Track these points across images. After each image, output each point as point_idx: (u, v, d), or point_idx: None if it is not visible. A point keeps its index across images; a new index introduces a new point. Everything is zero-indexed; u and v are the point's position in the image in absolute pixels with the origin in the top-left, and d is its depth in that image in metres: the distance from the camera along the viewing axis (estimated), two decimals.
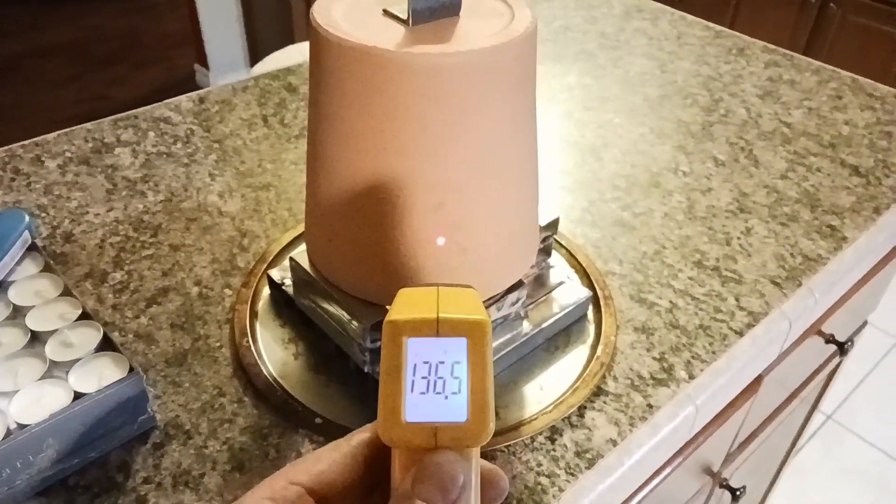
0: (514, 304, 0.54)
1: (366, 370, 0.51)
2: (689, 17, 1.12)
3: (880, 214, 0.72)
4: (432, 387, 0.26)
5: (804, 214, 0.72)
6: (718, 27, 1.09)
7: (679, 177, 0.77)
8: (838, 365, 1.02)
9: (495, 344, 0.53)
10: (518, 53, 0.43)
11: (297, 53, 1.43)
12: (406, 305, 0.27)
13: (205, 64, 2.69)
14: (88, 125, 0.80)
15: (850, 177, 0.78)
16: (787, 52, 1.02)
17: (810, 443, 1.60)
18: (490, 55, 0.41)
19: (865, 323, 1.02)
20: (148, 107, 0.84)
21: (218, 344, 0.55)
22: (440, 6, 0.44)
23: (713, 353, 0.57)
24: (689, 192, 0.74)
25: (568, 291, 0.58)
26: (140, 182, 0.72)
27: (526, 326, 0.55)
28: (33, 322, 0.49)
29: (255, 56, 2.69)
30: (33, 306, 0.50)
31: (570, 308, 0.57)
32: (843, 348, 0.82)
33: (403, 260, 0.47)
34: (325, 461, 0.27)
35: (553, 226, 0.58)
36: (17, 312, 0.51)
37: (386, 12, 0.44)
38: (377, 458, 0.28)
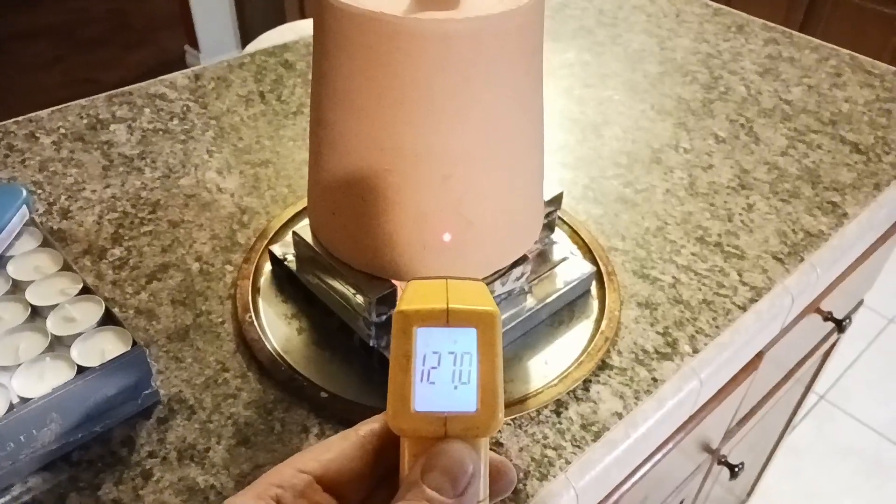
0: (518, 279, 0.54)
1: (371, 344, 0.50)
2: None
3: (881, 191, 0.72)
4: (442, 377, 0.26)
5: (805, 191, 0.72)
6: (716, 4, 1.08)
7: (680, 153, 0.76)
8: (834, 344, 1.02)
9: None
10: (527, 20, 0.42)
11: (289, 32, 1.41)
12: (416, 296, 0.27)
13: (195, 45, 2.66)
14: (83, 101, 0.79)
15: (851, 154, 0.78)
16: (787, 29, 1.02)
17: (804, 422, 1.61)
18: (500, 21, 0.40)
19: (861, 302, 1.03)
20: (143, 83, 0.82)
21: (220, 320, 0.55)
22: None
23: (717, 327, 0.57)
24: (691, 169, 0.74)
25: (571, 267, 0.58)
26: (137, 159, 0.71)
27: (530, 301, 0.55)
28: (33, 297, 0.49)
29: (245, 37, 2.67)
30: (33, 281, 0.50)
31: (574, 283, 0.57)
32: (840, 326, 0.82)
33: (409, 233, 0.46)
34: (334, 450, 0.27)
35: (556, 201, 0.58)
36: (17, 287, 0.50)
37: None
38: (386, 448, 0.28)
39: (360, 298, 0.49)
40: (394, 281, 0.49)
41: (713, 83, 0.89)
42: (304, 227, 0.53)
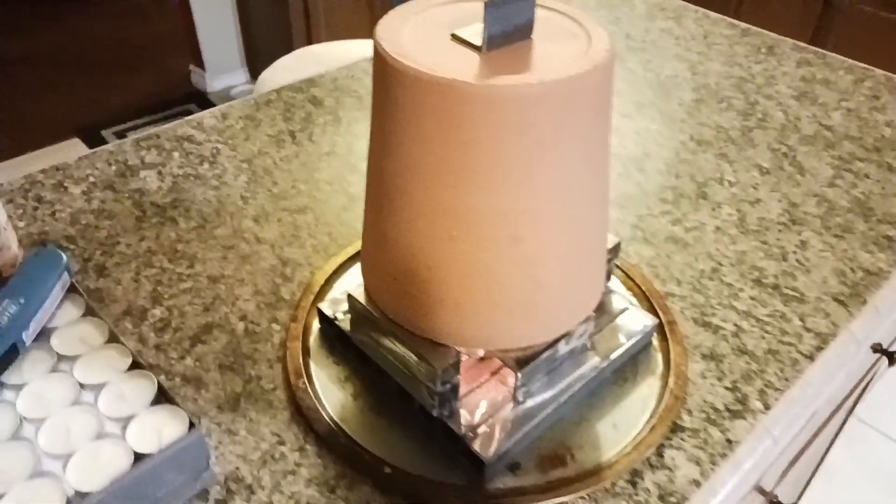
0: (581, 336, 0.52)
1: (434, 414, 0.48)
2: (713, 14, 1.09)
3: None
4: None
5: (858, 225, 0.70)
6: (744, 25, 1.06)
7: (725, 187, 0.74)
8: (877, 371, 1.00)
9: (566, 381, 0.51)
10: (601, 79, 0.40)
11: (307, 58, 1.39)
12: None
13: (200, 65, 2.64)
14: (110, 147, 0.76)
15: None
16: (818, 50, 1.00)
17: (836, 442, 1.59)
18: (576, 83, 0.38)
19: None
20: (169, 125, 0.80)
21: (271, 385, 0.52)
22: (514, 29, 0.41)
23: (786, 379, 0.55)
24: (738, 204, 0.72)
25: (632, 318, 0.56)
26: (170, 208, 0.69)
27: (594, 359, 0.53)
28: (81, 374, 0.46)
29: (251, 56, 2.65)
30: (79, 356, 0.47)
31: (638, 337, 0.54)
32: (892, 358, 0.80)
33: (477, 299, 0.44)
34: None
35: (614, 251, 0.55)
36: (62, 362, 0.48)
37: (455, 37, 0.42)
38: None
39: (424, 367, 0.47)
40: (458, 348, 0.47)
41: (750, 109, 0.87)
42: (358, 289, 0.51)
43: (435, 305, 0.45)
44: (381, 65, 0.40)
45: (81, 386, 0.46)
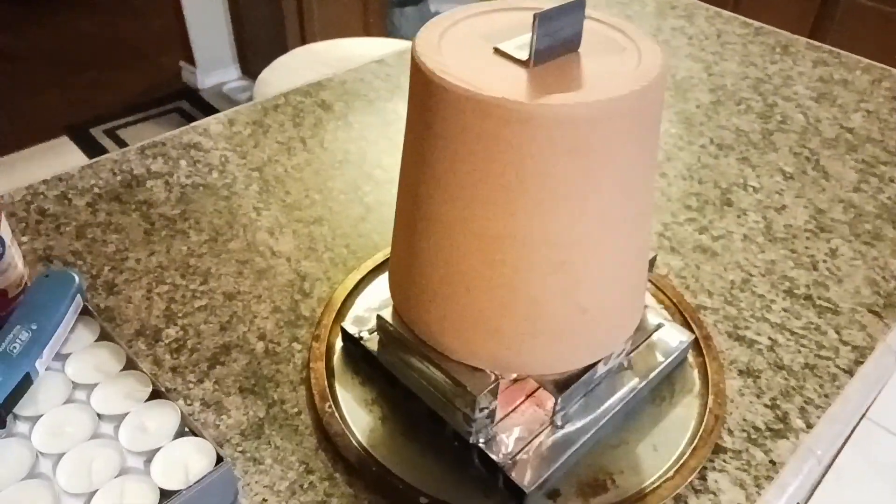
0: (618, 355, 0.50)
1: (471, 441, 0.46)
2: (725, 12, 1.08)
3: None
4: None
5: (887, 231, 0.68)
6: (757, 23, 1.04)
7: (750, 193, 0.72)
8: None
9: (604, 402, 0.49)
10: (655, 96, 0.38)
11: (307, 57, 1.36)
12: None
13: (191, 61, 2.59)
14: (114, 155, 0.74)
15: None
16: (833, 49, 0.98)
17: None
18: (631, 101, 0.36)
19: None
20: (175, 131, 0.77)
21: (295, 409, 0.50)
22: (561, 43, 0.39)
23: (825, 396, 0.53)
24: (764, 211, 0.70)
25: (668, 334, 0.54)
26: (179, 220, 0.66)
27: (631, 379, 0.51)
28: (100, 404, 0.44)
29: (243, 52, 2.61)
30: (97, 384, 0.45)
31: (675, 354, 0.53)
32: None
33: (518, 323, 0.42)
34: None
35: (650, 264, 0.54)
36: (78, 390, 0.45)
37: (498, 51, 0.39)
38: None
39: (458, 391, 0.45)
40: (496, 373, 0.45)
41: (769, 111, 0.85)
42: (386, 310, 0.49)
43: (473, 329, 0.43)
44: (423, 82, 0.38)
45: (100, 416, 0.44)
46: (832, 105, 0.87)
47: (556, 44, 0.38)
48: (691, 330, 0.56)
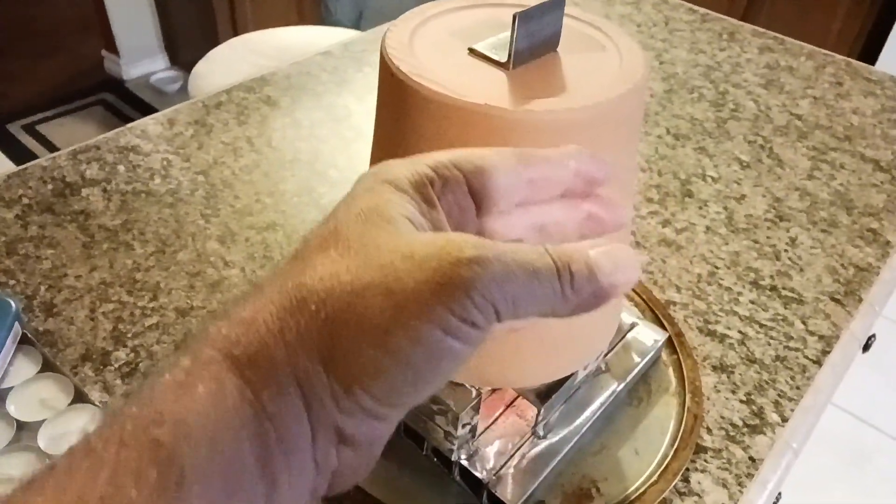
0: (596, 359, 0.49)
1: (452, 458, 0.44)
2: None
3: None
4: None
5: (842, 218, 0.69)
6: (702, 10, 1.05)
7: (709, 183, 0.72)
8: None
9: (584, 408, 0.48)
10: (640, 97, 0.37)
11: (243, 48, 1.30)
12: None
13: (114, 50, 2.47)
14: (42, 161, 0.68)
15: (874, 172, 0.76)
16: (777, 35, 1.00)
17: None
18: (617, 105, 0.35)
19: None
20: (109, 133, 0.72)
21: None
22: (541, 43, 0.37)
23: (797, 388, 0.54)
24: (724, 201, 0.70)
25: (642, 333, 0.53)
26: (121, 231, 0.62)
27: (609, 381, 0.50)
28: (48, 444, 0.40)
29: (170, 40, 2.50)
30: (43, 421, 0.41)
31: (650, 354, 0.52)
32: (867, 346, 0.81)
33: (501, 337, 0.40)
34: (490, 160, 0.24)
35: None
36: (24, 431, 0.41)
37: (474, 52, 0.37)
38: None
39: (439, 408, 0.43)
40: (477, 388, 0.43)
41: (721, 99, 0.86)
42: None
43: None
44: (396, 85, 0.35)
45: (49, 458, 0.40)
46: (780, 92, 0.88)
47: (535, 44, 0.36)
48: (663, 327, 0.56)
